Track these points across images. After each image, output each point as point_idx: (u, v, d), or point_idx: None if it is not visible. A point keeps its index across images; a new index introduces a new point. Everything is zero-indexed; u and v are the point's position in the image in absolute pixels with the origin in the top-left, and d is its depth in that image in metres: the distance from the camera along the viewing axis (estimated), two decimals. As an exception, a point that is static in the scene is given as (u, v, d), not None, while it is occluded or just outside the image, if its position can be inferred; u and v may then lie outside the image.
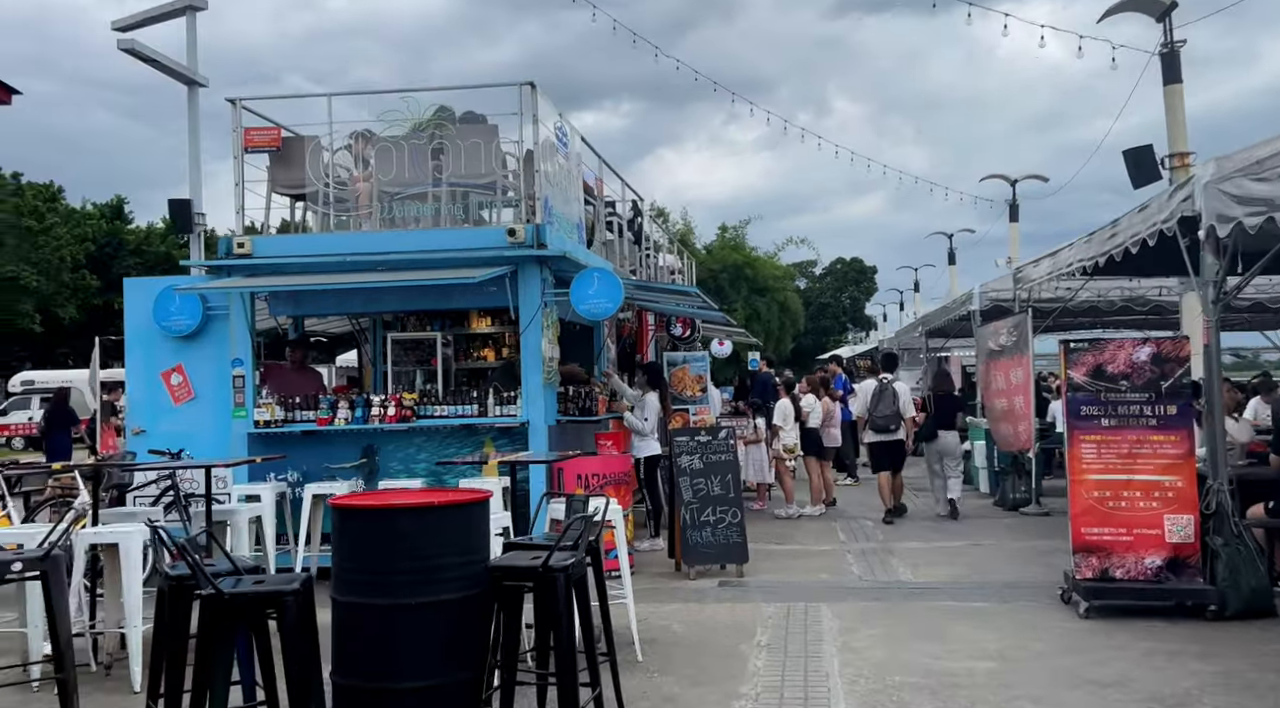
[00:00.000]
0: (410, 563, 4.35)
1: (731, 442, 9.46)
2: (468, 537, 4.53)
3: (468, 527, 4.54)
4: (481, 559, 4.55)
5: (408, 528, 4.39)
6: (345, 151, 10.35)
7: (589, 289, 9.41)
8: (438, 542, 4.40)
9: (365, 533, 4.43)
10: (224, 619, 3.86)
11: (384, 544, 4.37)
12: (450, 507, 4.51)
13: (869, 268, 62.03)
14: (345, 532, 4.48)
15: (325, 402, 9.45)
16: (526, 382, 9.44)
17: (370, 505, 4.49)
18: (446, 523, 4.45)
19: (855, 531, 12.05)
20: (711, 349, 24.24)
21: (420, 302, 9.62)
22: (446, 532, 4.44)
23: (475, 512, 4.59)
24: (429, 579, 4.36)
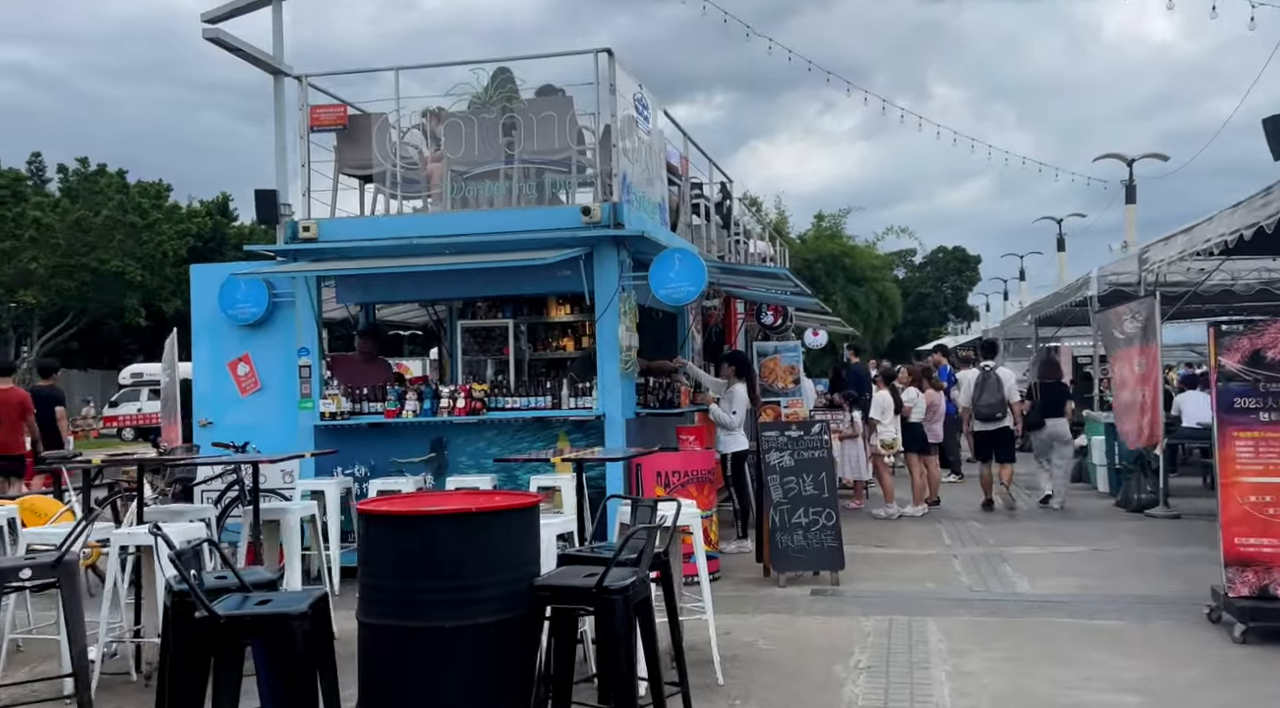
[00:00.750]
0: (444, 581, 3.72)
1: (826, 437, 8.67)
2: (513, 549, 3.89)
3: (513, 537, 3.89)
4: (528, 576, 3.90)
5: (441, 539, 3.76)
6: (417, 131, 9.85)
7: (669, 271, 8.72)
8: (476, 556, 3.76)
9: (393, 544, 3.82)
10: (218, 644, 3.29)
11: (414, 558, 3.76)
12: (491, 514, 3.87)
13: (971, 257, 59.91)
14: (371, 542, 3.89)
15: (393, 393, 8.96)
16: (602, 372, 8.79)
17: (398, 512, 3.88)
18: (486, 533, 3.81)
19: (962, 533, 11.12)
20: (805, 340, 23.33)
21: (491, 287, 9.05)
22: (487, 544, 3.80)
23: (521, 520, 3.94)
24: (466, 599, 3.73)
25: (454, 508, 3.93)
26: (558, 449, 8.83)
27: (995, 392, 12.57)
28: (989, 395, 12.61)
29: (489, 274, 8.96)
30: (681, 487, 8.48)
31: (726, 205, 15.00)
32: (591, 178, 9.14)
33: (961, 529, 11.37)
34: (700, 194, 13.70)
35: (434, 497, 4.54)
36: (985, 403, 12.62)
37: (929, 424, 13.12)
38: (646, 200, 9.84)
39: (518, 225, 8.70)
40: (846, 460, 13.15)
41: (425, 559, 3.73)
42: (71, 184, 30.65)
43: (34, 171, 31.20)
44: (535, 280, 9.00)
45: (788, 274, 9.45)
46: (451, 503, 4.20)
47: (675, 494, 8.18)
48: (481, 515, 3.84)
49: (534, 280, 9.00)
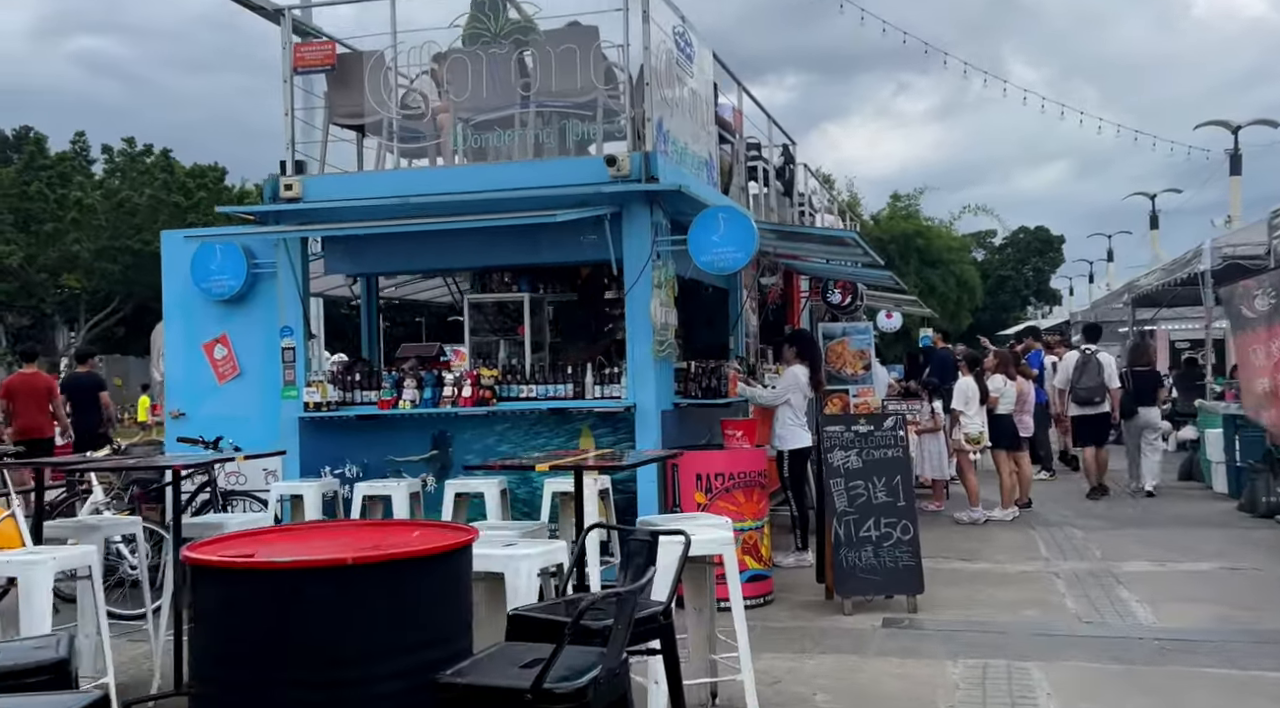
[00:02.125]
0: (304, 671, 2.36)
1: (901, 433, 7.15)
2: (419, 620, 2.51)
3: (420, 601, 2.52)
4: (441, 661, 2.52)
5: (304, 606, 2.40)
6: (428, 78, 8.52)
7: (712, 234, 7.27)
8: (359, 632, 2.40)
9: (232, 611, 2.46)
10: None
11: (265, 633, 2.40)
12: (383, 568, 2.50)
13: (1055, 237, 56.92)
14: (200, 609, 2.53)
15: (389, 379, 7.67)
16: (633, 355, 7.39)
17: (238, 562, 2.52)
18: (378, 596, 2.44)
19: (1061, 542, 9.50)
20: (878, 322, 21.64)
21: (501, 255, 7.69)
22: (376, 613, 2.44)
23: (434, 573, 2.56)
24: (337, 701, 2.36)
25: (325, 559, 2.55)
26: (581, 447, 7.47)
27: (1095, 375, 12.07)
28: (1088, 379, 12.12)
29: (498, 240, 7.61)
30: (726, 492, 7.06)
31: (789, 171, 13.46)
32: (622, 128, 7.72)
33: (1060, 537, 9.75)
34: (758, 156, 12.18)
35: (314, 531, 3.18)
36: (1084, 386, 12.10)
37: (1019, 416, 11.48)
38: (689, 154, 8.39)
39: (530, 180, 7.32)
40: (925, 457, 11.59)
41: (275, 637, 2.37)
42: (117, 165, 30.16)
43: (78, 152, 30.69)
44: (555, 247, 7.62)
45: (856, 237, 7.93)
46: (330, 543, 2.81)
47: (719, 501, 6.78)
48: (368, 570, 2.47)
49: (554, 247, 7.62)
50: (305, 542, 2.85)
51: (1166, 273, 16.63)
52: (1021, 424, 11.52)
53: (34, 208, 27.55)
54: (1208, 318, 14.42)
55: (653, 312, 7.25)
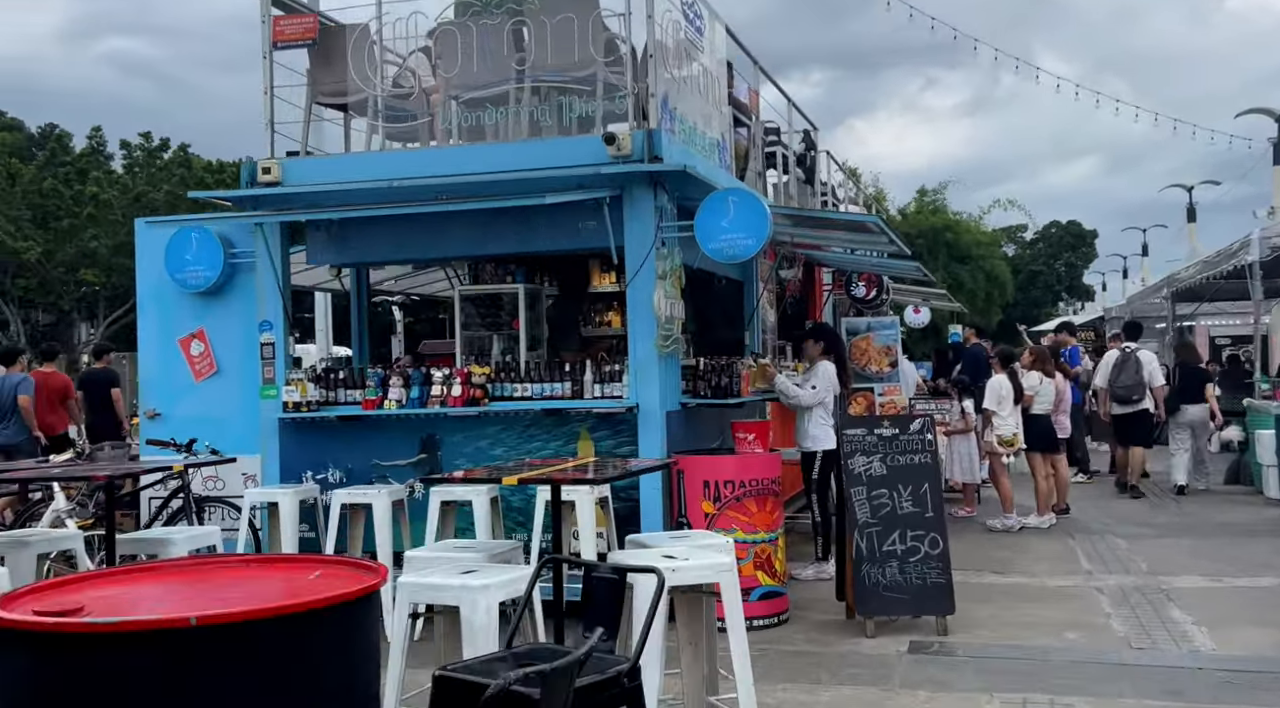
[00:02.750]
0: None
1: (929, 437, 6.51)
2: (302, 694, 1.91)
3: (300, 671, 1.92)
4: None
5: (132, 681, 1.81)
6: (422, 55, 7.95)
7: (721, 218, 6.65)
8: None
9: (36, 691, 1.87)
10: None
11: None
12: (240, 630, 1.90)
13: (1088, 232, 55.64)
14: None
15: (374, 377, 7.10)
16: (634, 351, 6.78)
17: (43, 624, 1.93)
18: (232, 667, 1.85)
19: (1103, 553, 8.81)
20: (906, 318, 20.89)
21: (494, 243, 7.10)
22: (233, 687, 1.84)
23: (316, 634, 1.96)
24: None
25: (157, 619, 1.94)
26: (579, 451, 6.88)
27: (1134, 373, 11.84)
28: (1127, 377, 11.91)
29: (491, 228, 7.04)
30: (736, 501, 6.44)
31: (810, 157, 12.81)
32: (625, 105, 7.11)
33: (1101, 547, 9.07)
34: (777, 141, 11.54)
35: (182, 570, 2.55)
36: (1122, 384, 11.90)
37: (1056, 417, 10.78)
38: (699, 135, 7.77)
39: (523, 162, 6.73)
40: (955, 459, 10.90)
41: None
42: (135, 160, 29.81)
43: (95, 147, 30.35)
44: (552, 235, 7.03)
45: (879, 223, 7.27)
46: (192, 589, 2.21)
47: (728, 511, 6.17)
48: (216, 634, 1.87)
49: (551, 235, 7.03)
50: (160, 583, 2.26)
51: (1208, 266, 15.84)
52: (1058, 425, 10.82)
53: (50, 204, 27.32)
54: (1256, 312, 13.65)
55: (656, 304, 6.64)
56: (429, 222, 7.14)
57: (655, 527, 6.66)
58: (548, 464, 5.01)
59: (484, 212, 7.03)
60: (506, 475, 4.14)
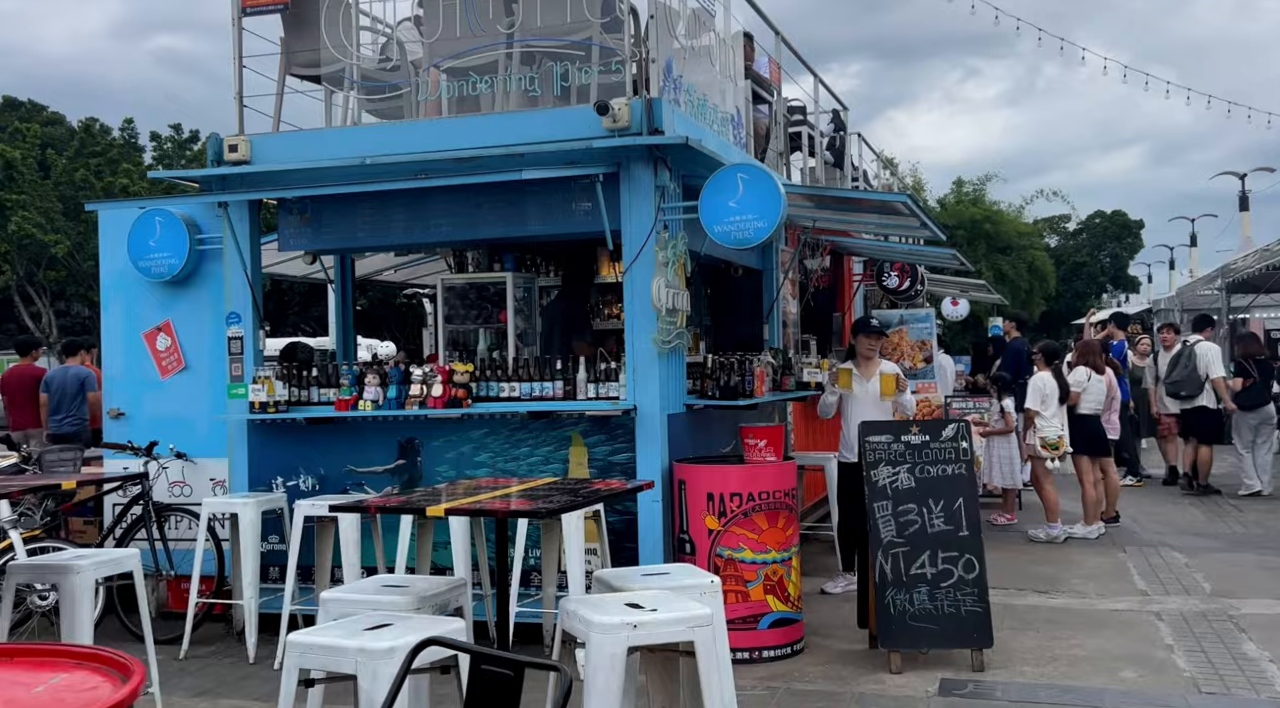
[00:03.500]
0: None
1: (965, 445, 5.75)
2: None
3: None
4: None
5: None
6: (411, 24, 7.30)
7: (728, 198, 5.93)
8: None
9: None
10: None
11: None
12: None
13: (1133, 222, 53.98)
14: None
15: (348, 376, 6.46)
16: (632, 347, 6.08)
17: None
18: None
19: (1160, 569, 7.99)
20: (943, 310, 20.01)
21: (480, 227, 6.41)
22: None
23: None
24: None
25: None
26: (570, 458, 6.20)
27: (1186, 367, 11.45)
28: (1179, 372, 11.54)
29: (477, 211, 6.38)
30: (744, 516, 5.72)
31: (839, 139, 12.03)
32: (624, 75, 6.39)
33: (1157, 562, 8.25)
34: (803, 120, 10.78)
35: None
36: (1173, 379, 11.59)
37: (1106, 416, 9.94)
38: (709, 108, 7.05)
39: (509, 136, 6.04)
40: (995, 463, 10.11)
41: None
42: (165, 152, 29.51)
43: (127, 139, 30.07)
44: (544, 218, 6.34)
45: (909, 203, 6.47)
46: None
47: (734, 527, 5.46)
48: None
49: (542, 218, 6.34)
50: None
51: (1266, 255, 14.89)
52: (1109, 425, 9.98)
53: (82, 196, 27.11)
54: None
55: (655, 294, 5.93)
56: (409, 204, 6.49)
57: (654, 544, 5.97)
58: (497, 486, 4.33)
59: (470, 194, 6.37)
60: (431, 505, 3.45)
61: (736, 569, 5.69)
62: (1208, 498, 11.24)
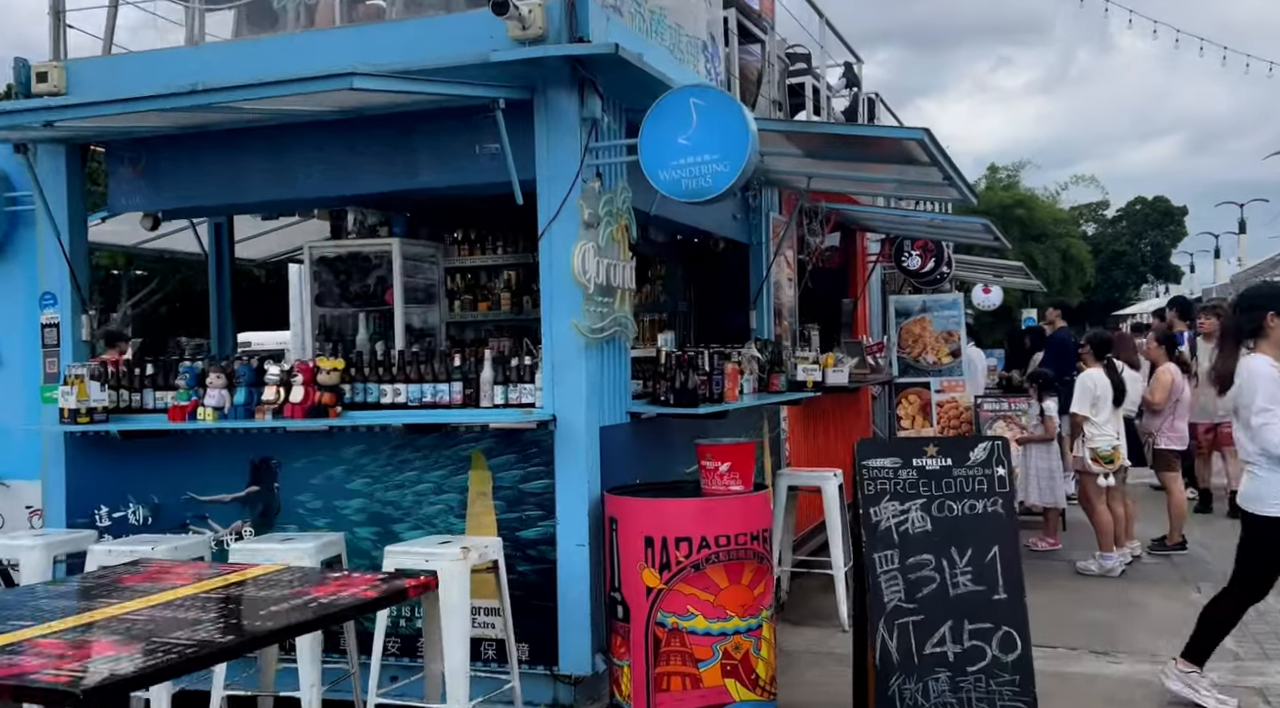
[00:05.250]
0: None
1: (1002, 471, 4.13)
2: None
3: None
4: None
5: None
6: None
7: (678, 132, 4.33)
8: None
9: None
10: None
11: None
12: None
13: (1176, 209, 51.66)
14: None
15: (187, 375, 4.92)
16: (550, 337, 4.52)
17: None
18: None
19: (1247, 619, 6.27)
20: (974, 298, 18.31)
21: (360, 180, 4.86)
22: None
23: None
24: None
25: None
26: (470, 486, 4.63)
27: None
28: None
29: (353, 157, 4.84)
30: (695, 570, 4.14)
31: (852, 95, 10.38)
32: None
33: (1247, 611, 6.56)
34: (806, 70, 9.17)
35: None
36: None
37: (1172, 422, 8.26)
38: (666, 26, 5.44)
39: (388, 52, 4.47)
40: (1033, 476, 8.45)
41: None
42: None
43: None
44: (439, 166, 4.79)
45: (925, 141, 4.77)
46: None
47: (681, 584, 3.88)
48: None
49: (435, 166, 4.79)
50: None
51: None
52: (1175, 433, 8.30)
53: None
54: None
55: (576, 264, 4.36)
56: (269, 151, 4.96)
57: (578, 603, 4.42)
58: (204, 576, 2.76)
59: (344, 136, 4.84)
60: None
61: (683, 644, 4.12)
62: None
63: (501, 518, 4.55)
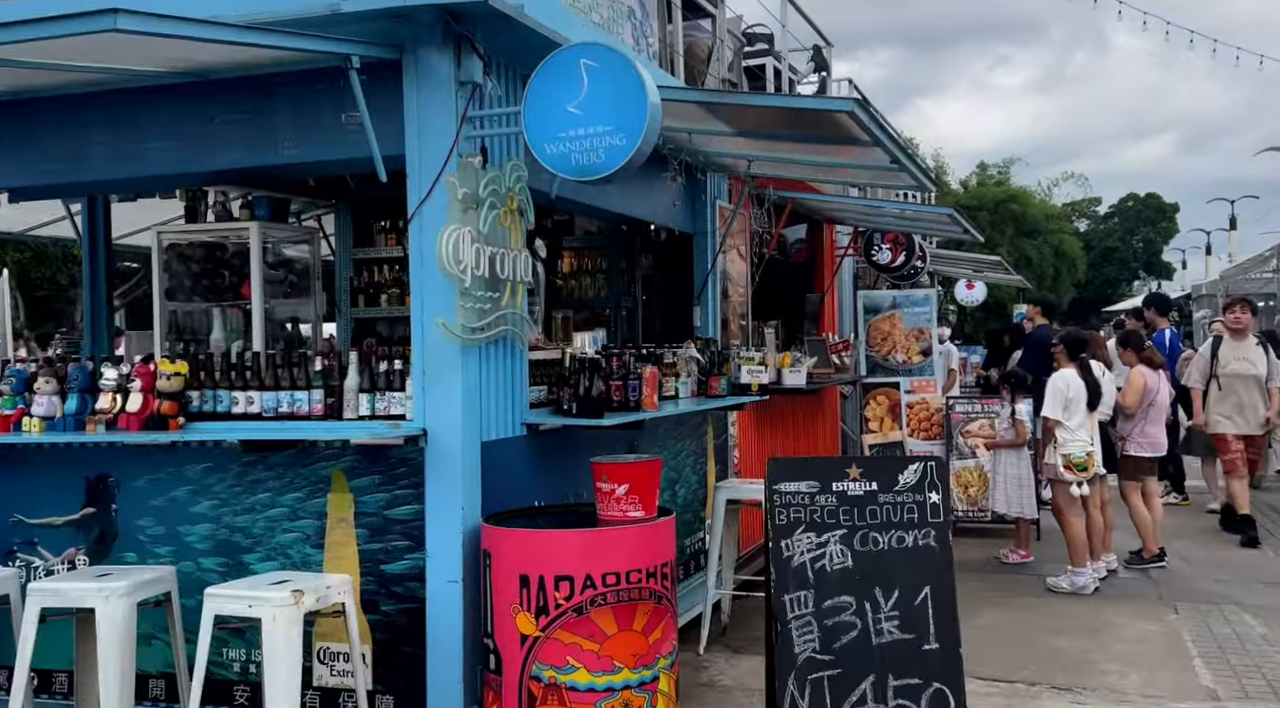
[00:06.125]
0: None
1: (936, 496, 3.51)
2: None
3: None
4: None
5: None
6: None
7: (566, 99, 3.70)
8: None
9: None
10: None
11: None
12: None
13: (1168, 206, 51.09)
14: None
15: (14, 378, 4.28)
16: (420, 336, 3.89)
17: None
18: None
19: (1228, 646, 5.73)
20: (957, 294, 17.74)
21: (213, 155, 4.21)
22: None
23: None
24: None
25: None
26: (329, 511, 4.00)
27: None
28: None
29: (204, 128, 4.21)
30: (576, 614, 3.52)
31: (820, 79, 9.77)
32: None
33: (1223, 632, 5.99)
34: (767, 50, 8.56)
35: None
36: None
37: (1143, 426, 7.64)
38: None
39: (232, 2, 3.84)
40: (1002, 483, 7.86)
41: None
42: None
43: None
44: (301, 137, 4.16)
45: (857, 111, 4.09)
46: None
47: (562, 631, 3.26)
48: None
49: (298, 137, 4.16)
50: None
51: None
52: (1146, 439, 7.67)
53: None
54: None
55: (443, 251, 3.72)
56: (113, 120, 4.32)
57: (450, 650, 3.80)
58: None
59: (199, 104, 4.21)
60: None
61: (562, 702, 3.50)
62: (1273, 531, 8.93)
63: (364, 549, 3.93)
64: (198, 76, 4.08)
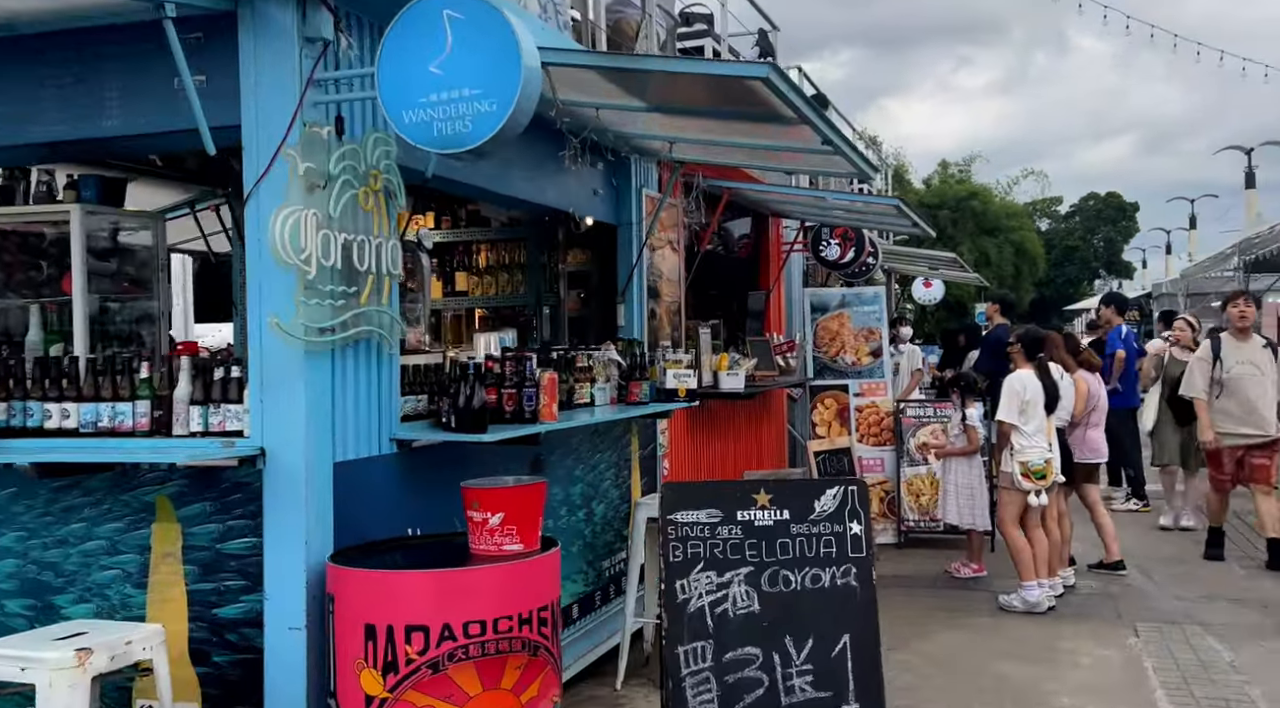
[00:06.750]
0: None
1: (856, 527, 2.97)
2: None
3: None
4: None
5: None
6: None
7: (428, 58, 3.12)
8: None
9: None
10: None
11: None
12: None
13: (1128, 205, 51.19)
14: None
15: None
16: (257, 337, 3.30)
17: None
18: None
19: (1190, 673, 5.26)
20: (914, 292, 17.32)
21: (33, 121, 3.60)
22: None
23: None
24: None
25: None
26: (154, 545, 3.40)
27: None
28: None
29: (39, 93, 3.60)
30: (433, 670, 2.94)
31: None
32: None
33: (1186, 657, 5.52)
34: (706, 31, 8.03)
35: None
36: None
37: (1084, 430, 7.15)
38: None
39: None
40: (953, 493, 7.37)
41: None
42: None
43: None
44: (129, 105, 3.56)
45: (771, 77, 3.53)
46: None
47: (414, 693, 2.66)
48: None
49: (126, 105, 3.56)
50: None
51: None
52: (1086, 443, 7.18)
53: None
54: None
55: (277, 236, 3.13)
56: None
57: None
58: None
59: (19, 64, 3.59)
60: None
61: (412, 775, 2.92)
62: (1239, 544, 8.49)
63: (193, 589, 3.33)
64: (7, 30, 3.47)
